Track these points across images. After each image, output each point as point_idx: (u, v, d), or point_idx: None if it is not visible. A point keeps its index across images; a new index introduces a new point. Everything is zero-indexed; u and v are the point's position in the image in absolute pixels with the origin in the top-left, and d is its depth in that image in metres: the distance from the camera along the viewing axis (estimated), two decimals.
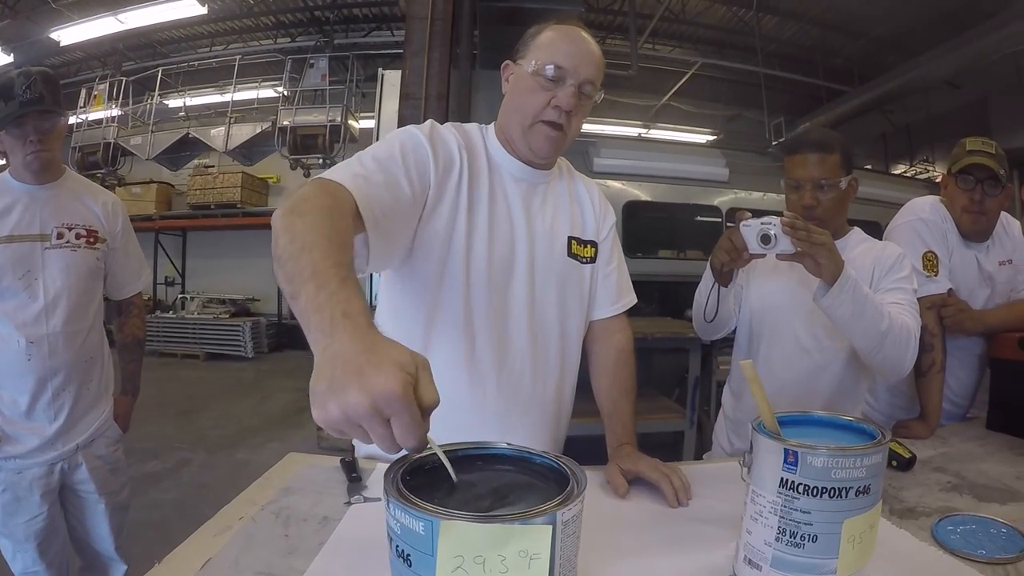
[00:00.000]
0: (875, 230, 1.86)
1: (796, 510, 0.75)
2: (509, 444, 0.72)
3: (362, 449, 1.30)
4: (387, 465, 0.63)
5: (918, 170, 10.25)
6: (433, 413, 1.10)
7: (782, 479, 0.76)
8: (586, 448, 1.40)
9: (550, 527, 0.55)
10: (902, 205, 1.92)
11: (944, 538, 1.00)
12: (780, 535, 0.76)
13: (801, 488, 0.74)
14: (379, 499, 1.06)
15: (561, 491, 0.60)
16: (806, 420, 0.89)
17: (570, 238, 1.34)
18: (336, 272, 0.70)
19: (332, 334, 0.61)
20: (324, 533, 0.95)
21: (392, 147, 1.13)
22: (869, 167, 10.16)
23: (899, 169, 10.72)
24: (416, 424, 0.55)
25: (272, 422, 5.84)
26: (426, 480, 0.64)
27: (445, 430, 0.68)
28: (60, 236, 1.79)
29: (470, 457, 0.70)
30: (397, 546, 0.57)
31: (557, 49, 1.20)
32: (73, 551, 1.94)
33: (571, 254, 1.34)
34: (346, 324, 0.61)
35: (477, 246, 1.21)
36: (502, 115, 1.30)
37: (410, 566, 0.56)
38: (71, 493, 1.87)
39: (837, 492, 0.73)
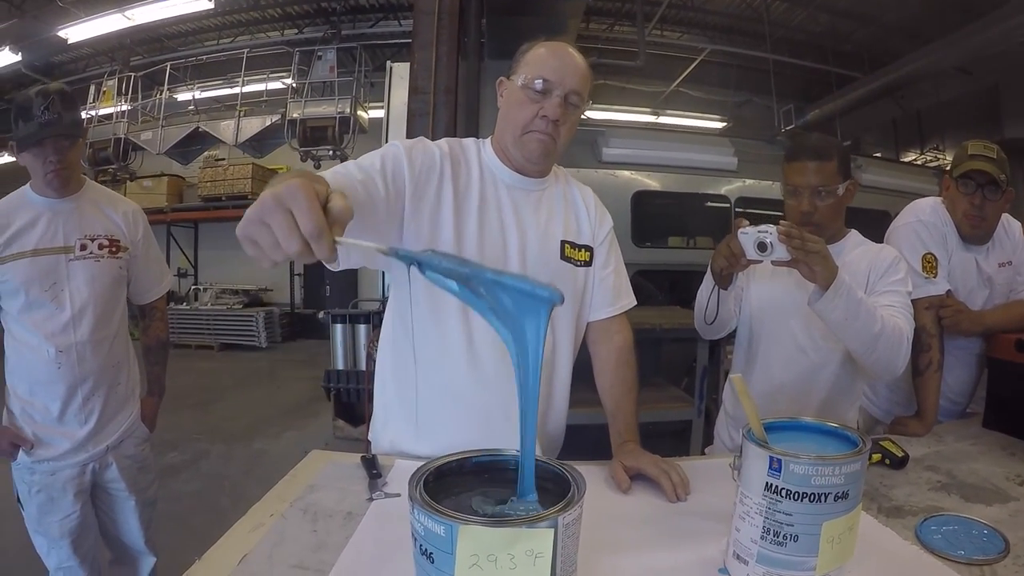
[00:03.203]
0: (884, 220, 1.87)
1: (779, 512, 0.81)
2: (517, 452, 0.79)
3: (380, 446, 1.38)
4: (406, 460, 0.71)
5: (928, 158, 10.12)
6: (431, 404, 1.16)
7: (767, 483, 0.82)
8: (590, 437, 1.47)
9: (552, 530, 0.63)
10: (911, 194, 1.94)
11: (927, 538, 1.03)
12: (765, 534, 0.83)
13: (784, 492, 0.81)
14: (399, 494, 1.13)
15: (564, 495, 0.68)
16: (794, 426, 0.96)
17: (563, 242, 1.41)
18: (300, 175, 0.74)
19: (280, 183, 0.67)
20: (349, 528, 1.02)
21: (374, 156, 1.25)
22: (879, 155, 10.06)
23: (909, 156, 10.59)
24: (311, 209, 0.63)
25: (288, 412, 5.94)
26: (443, 485, 0.72)
27: (452, 419, 0.76)
28: (83, 247, 1.83)
29: (483, 464, 0.77)
30: (421, 545, 0.65)
31: (544, 64, 1.29)
32: (104, 545, 2.02)
33: (564, 257, 1.40)
34: (292, 176, 0.68)
35: (467, 248, 1.29)
36: (497, 127, 1.38)
37: (432, 562, 0.64)
38: (102, 491, 1.95)
39: (817, 497, 0.80)
